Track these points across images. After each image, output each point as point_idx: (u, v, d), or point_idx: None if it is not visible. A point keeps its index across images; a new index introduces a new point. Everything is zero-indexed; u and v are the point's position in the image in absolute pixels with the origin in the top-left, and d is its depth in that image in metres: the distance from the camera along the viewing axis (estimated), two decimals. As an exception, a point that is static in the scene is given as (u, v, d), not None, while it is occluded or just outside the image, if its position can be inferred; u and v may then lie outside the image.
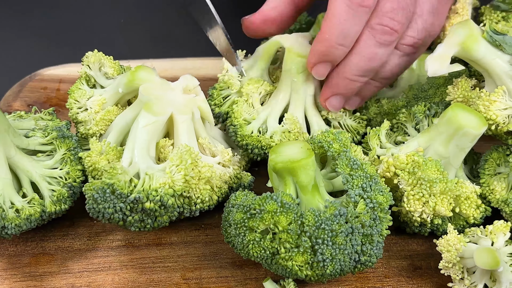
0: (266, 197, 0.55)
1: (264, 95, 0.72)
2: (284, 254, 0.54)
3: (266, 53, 0.72)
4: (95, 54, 0.69)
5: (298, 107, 0.70)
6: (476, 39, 0.61)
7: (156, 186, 0.59)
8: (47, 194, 0.62)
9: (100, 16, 1.00)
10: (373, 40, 0.64)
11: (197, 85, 0.66)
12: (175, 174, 0.60)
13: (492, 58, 0.61)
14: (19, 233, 0.61)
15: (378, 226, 0.56)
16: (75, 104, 0.68)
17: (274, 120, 0.70)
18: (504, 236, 0.58)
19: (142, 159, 0.61)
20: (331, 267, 0.54)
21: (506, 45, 0.61)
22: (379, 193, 0.57)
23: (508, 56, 0.61)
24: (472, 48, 0.61)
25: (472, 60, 0.63)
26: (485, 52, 0.61)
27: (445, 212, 0.61)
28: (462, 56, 0.63)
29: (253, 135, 0.69)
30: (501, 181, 0.64)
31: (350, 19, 0.62)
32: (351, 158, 0.58)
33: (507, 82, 0.61)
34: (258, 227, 0.54)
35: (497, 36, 0.61)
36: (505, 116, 0.61)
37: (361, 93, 0.70)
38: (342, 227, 0.54)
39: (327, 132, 0.62)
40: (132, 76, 0.65)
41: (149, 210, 0.59)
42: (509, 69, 0.61)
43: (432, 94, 0.70)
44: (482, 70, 0.63)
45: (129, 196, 0.58)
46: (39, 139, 0.64)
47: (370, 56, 0.64)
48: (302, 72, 0.69)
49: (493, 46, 0.62)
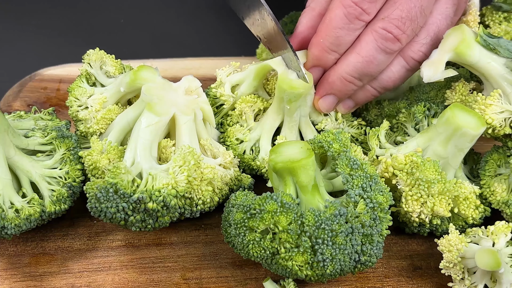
0: (266, 197, 0.55)
1: (258, 111, 0.72)
2: (284, 254, 0.54)
3: (258, 75, 0.70)
4: (97, 52, 0.69)
5: (292, 129, 0.69)
6: (469, 44, 0.61)
7: (159, 187, 0.59)
8: (47, 194, 0.62)
9: (100, 16, 1.00)
10: (375, 43, 0.63)
11: (199, 86, 0.66)
12: (178, 175, 0.60)
13: (487, 61, 0.62)
14: (19, 233, 0.61)
15: (378, 226, 0.56)
16: (75, 102, 0.68)
17: (266, 141, 0.70)
18: (506, 237, 0.58)
19: (145, 159, 0.61)
20: (331, 267, 0.54)
21: (501, 48, 0.61)
22: (379, 193, 0.57)
23: (503, 59, 0.62)
24: (466, 53, 0.61)
25: (467, 65, 0.63)
26: (479, 56, 0.61)
27: (444, 212, 0.61)
28: (457, 61, 0.63)
29: (246, 156, 0.69)
30: (501, 183, 0.64)
31: (345, 28, 0.63)
32: (351, 158, 0.58)
33: (503, 85, 0.62)
34: (258, 227, 0.54)
35: (492, 39, 0.62)
36: (502, 120, 0.61)
37: (355, 97, 0.69)
38: (342, 227, 0.54)
39: (327, 132, 0.62)
40: (135, 76, 0.65)
41: (152, 210, 0.59)
42: (504, 72, 0.61)
43: (433, 96, 0.70)
44: (479, 73, 0.64)
45: (132, 196, 0.58)
46: (38, 139, 0.64)
47: (368, 59, 0.64)
48: (295, 101, 0.67)
49: (487, 50, 0.62)
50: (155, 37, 0.98)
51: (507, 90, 0.61)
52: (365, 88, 0.68)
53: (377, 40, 0.63)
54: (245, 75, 0.71)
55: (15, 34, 0.96)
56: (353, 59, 0.64)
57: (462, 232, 0.62)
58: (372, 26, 0.63)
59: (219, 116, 0.73)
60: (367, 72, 0.65)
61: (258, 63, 0.70)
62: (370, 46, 0.63)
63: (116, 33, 0.97)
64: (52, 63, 0.85)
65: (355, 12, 0.62)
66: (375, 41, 0.63)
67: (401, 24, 0.62)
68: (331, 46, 0.64)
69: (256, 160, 0.69)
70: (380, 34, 0.63)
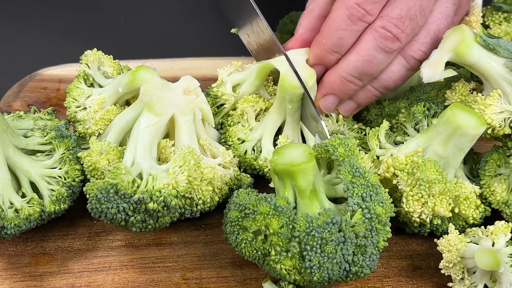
0: (261, 199, 0.54)
1: (259, 111, 0.71)
2: (274, 256, 0.54)
3: (260, 74, 0.70)
4: (95, 53, 0.69)
5: (294, 129, 0.69)
6: (469, 44, 0.61)
7: (160, 187, 0.59)
8: (46, 194, 0.62)
9: (100, 16, 1.00)
10: (374, 42, 0.63)
11: (197, 86, 0.66)
12: (178, 175, 0.60)
13: (487, 61, 0.62)
14: (19, 233, 0.61)
15: (374, 238, 0.55)
16: (74, 102, 0.68)
17: (268, 140, 0.70)
18: (505, 236, 0.58)
19: (145, 160, 0.61)
20: (318, 275, 0.53)
21: (500, 48, 0.61)
22: (379, 204, 0.56)
23: (503, 59, 0.62)
24: (466, 53, 0.61)
25: (467, 65, 0.63)
26: (479, 56, 0.61)
27: (444, 212, 0.61)
28: (457, 61, 0.63)
29: (247, 156, 0.69)
30: (501, 183, 0.64)
31: (347, 30, 0.63)
32: (354, 165, 0.57)
33: (502, 85, 0.62)
34: (251, 227, 0.54)
35: (491, 39, 0.62)
36: (501, 120, 0.61)
37: (357, 98, 0.69)
38: (333, 236, 0.53)
39: (334, 136, 0.61)
40: (133, 76, 0.65)
41: (152, 210, 0.59)
42: (504, 72, 0.61)
43: (434, 95, 0.70)
44: (479, 74, 0.64)
45: (132, 196, 0.58)
46: (38, 139, 0.64)
47: (368, 58, 0.64)
48: (297, 101, 0.67)
49: (487, 50, 0.62)
50: (155, 37, 0.98)
51: (507, 90, 0.61)
52: (366, 89, 0.68)
53: (377, 39, 0.63)
54: (246, 75, 0.71)
55: (15, 34, 0.96)
56: (353, 58, 0.64)
57: (462, 232, 0.62)
58: (371, 25, 0.63)
59: (219, 116, 0.73)
60: (367, 71, 0.65)
61: (260, 62, 0.70)
62: (370, 45, 0.63)
63: (116, 33, 0.97)
64: (52, 63, 0.85)
65: (358, 13, 0.62)
66: (374, 40, 0.63)
67: (400, 23, 0.62)
68: (333, 47, 0.65)
69: (258, 160, 0.69)
70: (379, 33, 0.63)
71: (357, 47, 0.64)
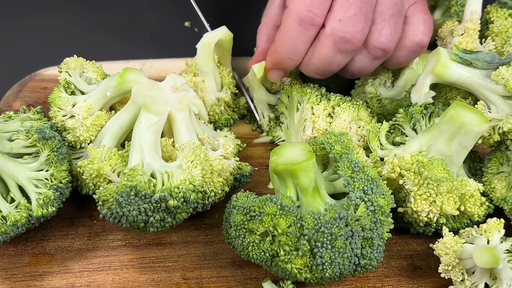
0: (266, 199, 0.54)
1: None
2: (283, 256, 0.54)
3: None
4: (76, 60, 0.68)
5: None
6: (445, 64, 0.63)
7: (178, 183, 0.59)
8: (34, 197, 0.61)
9: (100, 16, 1.00)
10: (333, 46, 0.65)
11: (184, 83, 0.66)
12: (192, 170, 0.60)
13: (467, 76, 0.64)
14: (9, 239, 0.61)
15: (379, 229, 0.56)
16: (59, 112, 0.67)
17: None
18: (499, 233, 0.59)
19: (154, 159, 0.61)
20: (330, 271, 0.54)
21: (478, 62, 0.63)
22: (380, 196, 0.57)
23: (483, 70, 0.63)
24: (444, 73, 0.64)
25: (450, 83, 0.65)
26: (458, 73, 0.63)
27: (452, 210, 0.61)
28: (439, 81, 0.65)
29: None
30: (502, 180, 0.64)
31: (300, 37, 0.65)
32: (352, 160, 0.58)
33: (487, 95, 0.63)
34: (258, 229, 0.54)
35: (468, 55, 0.63)
36: (489, 128, 0.63)
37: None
38: (341, 230, 0.54)
39: (330, 133, 0.61)
40: (121, 79, 0.65)
41: (173, 207, 0.59)
42: (486, 82, 0.63)
43: (437, 94, 0.70)
44: (463, 89, 0.65)
45: (152, 196, 0.58)
46: (22, 142, 0.62)
47: (328, 61, 0.67)
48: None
49: (465, 65, 0.64)
50: (155, 37, 0.97)
51: (492, 98, 0.63)
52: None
53: (335, 43, 0.65)
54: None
55: (15, 34, 0.96)
56: (314, 61, 0.67)
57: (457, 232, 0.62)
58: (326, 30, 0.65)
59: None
60: (329, 70, 0.68)
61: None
62: (330, 49, 0.66)
63: (116, 33, 0.97)
64: (52, 63, 0.85)
65: (307, 18, 0.64)
66: (333, 45, 0.65)
67: (351, 23, 0.64)
68: (288, 54, 0.68)
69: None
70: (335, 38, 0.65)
71: (316, 52, 0.66)
